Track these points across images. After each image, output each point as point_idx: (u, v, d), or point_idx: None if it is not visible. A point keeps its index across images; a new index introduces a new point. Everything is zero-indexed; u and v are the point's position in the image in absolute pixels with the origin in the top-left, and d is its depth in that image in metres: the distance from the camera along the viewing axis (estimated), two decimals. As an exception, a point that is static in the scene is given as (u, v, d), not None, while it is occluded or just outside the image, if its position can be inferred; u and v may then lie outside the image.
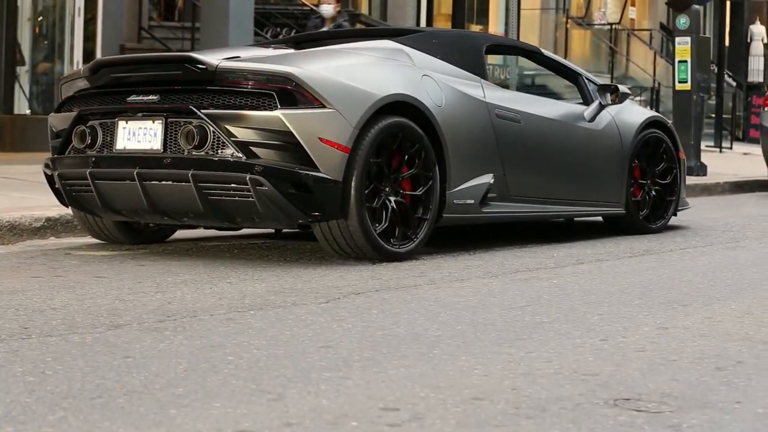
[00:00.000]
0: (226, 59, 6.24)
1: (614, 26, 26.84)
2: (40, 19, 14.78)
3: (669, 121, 8.93)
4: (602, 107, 8.14)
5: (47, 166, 6.74)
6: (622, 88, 8.38)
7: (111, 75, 6.54)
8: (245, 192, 6.01)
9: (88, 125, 6.50)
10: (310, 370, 3.59)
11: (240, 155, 5.99)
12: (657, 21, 29.00)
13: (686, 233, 8.38)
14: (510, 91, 8.76)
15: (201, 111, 6.05)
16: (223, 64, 6.14)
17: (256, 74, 6.08)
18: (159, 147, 6.20)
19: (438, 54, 7.13)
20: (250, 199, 6.02)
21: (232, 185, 6.03)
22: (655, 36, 28.39)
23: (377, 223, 6.25)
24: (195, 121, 6.08)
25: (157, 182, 6.21)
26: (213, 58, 6.19)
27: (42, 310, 4.59)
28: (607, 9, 28.30)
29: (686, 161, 10.35)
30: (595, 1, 27.96)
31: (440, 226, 6.79)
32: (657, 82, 25.28)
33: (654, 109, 22.46)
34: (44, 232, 7.15)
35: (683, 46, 15.18)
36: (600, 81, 8.60)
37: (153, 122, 6.24)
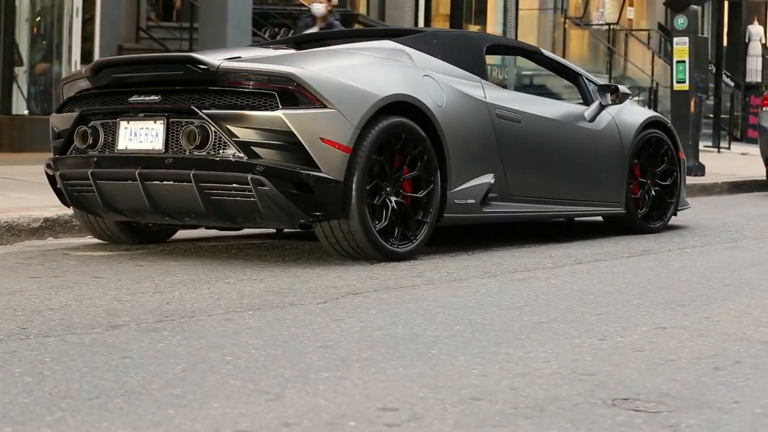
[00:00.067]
0: (228, 59, 6.25)
1: (612, 26, 26.83)
2: (38, 20, 14.77)
3: (669, 121, 8.93)
4: (602, 107, 8.14)
5: (49, 167, 6.74)
6: (623, 89, 8.38)
7: (112, 75, 6.55)
8: (247, 192, 6.01)
9: (90, 125, 6.50)
10: (308, 370, 3.59)
11: (241, 155, 5.99)
12: (655, 21, 29.00)
13: (684, 233, 8.39)
14: (510, 92, 8.76)
15: (202, 111, 6.05)
16: (225, 65, 6.14)
17: (258, 74, 6.09)
18: (161, 147, 6.21)
19: (439, 54, 7.13)
20: (252, 199, 6.03)
21: (234, 185, 6.04)
22: (653, 36, 28.38)
23: (377, 221, 6.25)
24: (196, 122, 6.08)
25: (159, 182, 6.21)
26: (214, 59, 6.20)
27: (40, 311, 4.58)
28: (605, 9, 28.30)
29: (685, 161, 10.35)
30: (593, 1, 27.95)
31: (441, 226, 6.79)
32: (655, 83, 25.27)
33: (652, 110, 22.45)
34: (42, 233, 7.15)
35: (681, 47, 15.18)
36: (600, 81, 8.61)
37: (155, 122, 6.24)
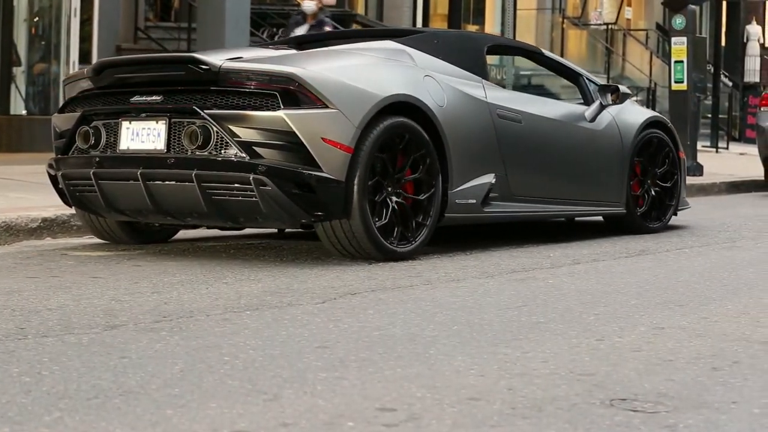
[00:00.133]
0: (229, 60, 6.26)
1: (610, 26, 26.84)
2: (36, 20, 14.77)
3: (669, 122, 8.94)
4: (603, 107, 8.15)
5: (51, 167, 6.75)
6: (623, 89, 8.39)
7: (114, 75, 6.55)
8: (249, 192, 6.02)
9: (92, 125, 6.50)
10: (306, 371, 3.59)
11: (243, 155, 6.00)
12: (653, 21, 29.01)
13: (682, 233, 8.39)
14: (511, 92, 8.77)
15: (204, 111, 6.06)
16: (227, 65, 6.15)
17: (259, 74, 6.10)
18: (162, 147, 6.21)
19: (440, 54, 7.14)
20: (254, 199, 6.03)
21: (236, 185, 6.04)
22: (651, 36, 28.38)
23: (377, 218, 6.25)
24: (198, 122, 6.09)
25: (161, 182, 6.22)
26: (216, 59, 6.21)
27: (38, 311, 4.58)
28: (604, 9, 28.30)
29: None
30: (592, 1, 27.96)
31: (442, 226, 6.79)
32: (653, 82, 25.27)
33: (650, 109, 22.43)
34: (40, 233, 7.14)
35: (679, 46, 15.18)
36: (600, 81, 8.62)
37: (156, 122, 6.25)
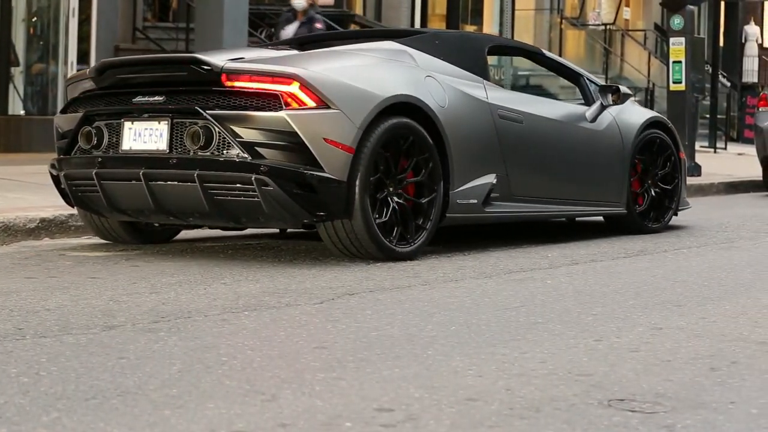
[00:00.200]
0: (231, 60, 6.26)
1: (608, 27, 26.84)
2: (35, 20, 14.76)
3: (669, 122, 8.95)
4: (603, 108, 8.15)
5: (53, 167, 6.75)
6: (624, 89, 8.40)
7: (117, 76, 6.56)
8: (251, 192, 6.02)
9: (94, 126, 6.51)
10: (304, 371, 3.59)
11: (245, 155, 6.00)
12: (651, 21, 29.01)
13: (681, 233, 8.39)
14: (512, 92, 8.77)
15: (206, 112, 6.06)
16: (229, 65, 6.16)
17: (261, 75, 6.10)
18: (165, 147, 6.22)
19: (441, 55, 7.14)
20: (256, 199, 6.04)
21: (238, 185, 6.05)
22: (650, 36, 28.39)
23: (377, 215, 6.25)
24: (200, 122, 6.10)
25: (163, 182, 6.23)
26: (218, 59, 6.22)
27: (36, 311, 4.58)
28: (602, 9, 28.31)
29: (682, 161, 10.36)
30: (590, 2, 27.97)
31: (443, 226, 6.80)
32: (651, 83, 25.28)
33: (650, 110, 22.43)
34: (39, 233, 7.14)
35: (677, 47, 15.18)
36: (601, 81, 8.62)
37: (159, 123, 6.25)
